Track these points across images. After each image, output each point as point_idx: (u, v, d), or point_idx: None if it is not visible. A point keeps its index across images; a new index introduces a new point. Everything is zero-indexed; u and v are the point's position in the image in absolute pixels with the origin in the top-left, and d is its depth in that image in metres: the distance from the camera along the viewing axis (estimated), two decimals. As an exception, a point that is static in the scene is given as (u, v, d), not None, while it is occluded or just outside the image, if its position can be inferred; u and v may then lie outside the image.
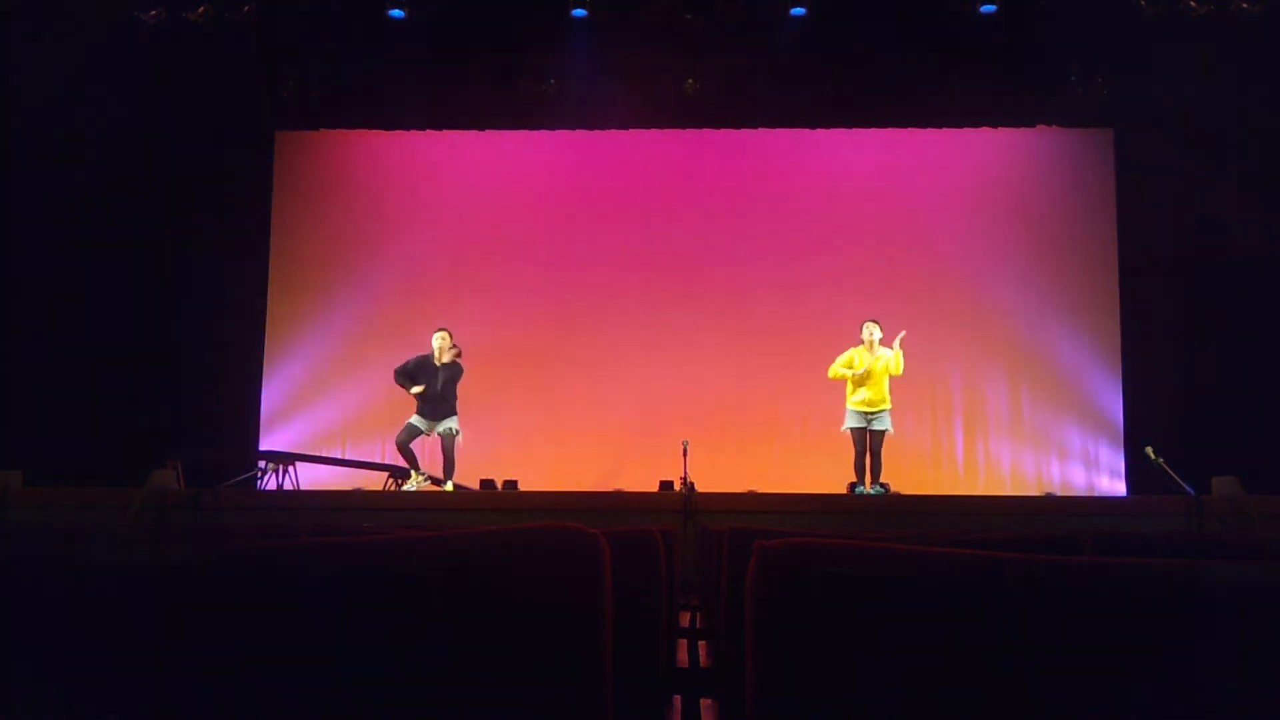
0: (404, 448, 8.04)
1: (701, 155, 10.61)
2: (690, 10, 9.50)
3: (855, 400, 7.81)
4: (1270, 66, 8.90)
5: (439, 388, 8.01)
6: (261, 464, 8.58)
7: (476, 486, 8.51)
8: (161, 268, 10.00)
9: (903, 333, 7.82)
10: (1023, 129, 10.53)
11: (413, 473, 8.12)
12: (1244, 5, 8.94)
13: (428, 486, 8.26)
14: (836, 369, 7.92)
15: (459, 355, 8.13)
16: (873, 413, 7.73)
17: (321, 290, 10.55)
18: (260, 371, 10.53)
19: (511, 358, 10.34)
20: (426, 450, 8.52)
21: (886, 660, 1.01)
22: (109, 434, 9.05)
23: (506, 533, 1.02)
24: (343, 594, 1.02)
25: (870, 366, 7.76)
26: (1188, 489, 6.58)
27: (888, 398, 7.78)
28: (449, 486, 8.01)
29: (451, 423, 8.04)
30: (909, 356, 10.32)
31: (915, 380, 10.17)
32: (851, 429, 7.83)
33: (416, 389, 7.98)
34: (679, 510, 6.84)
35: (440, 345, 8.08)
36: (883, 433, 7.76)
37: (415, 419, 8.06)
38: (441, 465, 8.12)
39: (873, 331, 7.86)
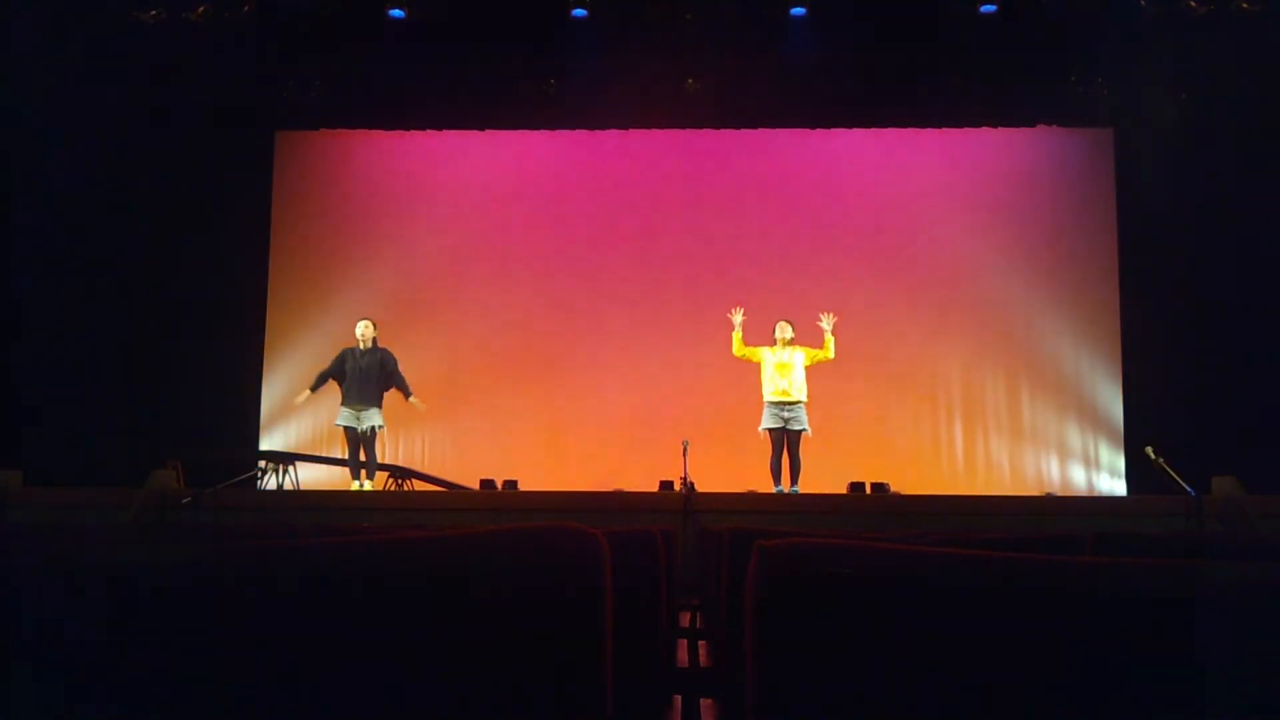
0: (354, 459, 7.92)
1: (701, 155, 10.61)
2: (690, 10, 9.50)
3: (770, 392, 7.81)
4: (1270, 66, 8.90)
5: (362, 371, 7.86)
6: (261, 464, 8.57)
7: (476, 486, 8.50)
8: (161, 268, 10.00)
9: (833, 317, 7.86)
10: (1023, 129, 10.54)
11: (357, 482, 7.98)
12: (1244, 5, 8.94)
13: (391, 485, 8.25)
14: (743, 351, 7.94)
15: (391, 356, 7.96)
16: (789, 407, 7.72)
17: (321, 290, 10.55)
18: (260, 371, 10.54)
19: (511, 358, 10.35)
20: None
21: (886, 660, 1.01)
22: (109, 434, 9.05)
23: (506, 533, 1.02)
24: (343, 594, 1.02)
25: (780, 361, 7.79)
26: (1188, 489, 6.58)
27: (804, 390, 7.77)
28: (367, 485, 7.87)
29: (374, 418, 7.89)
30: (909, 355, 10.32)
31: (915, 380, 10.22)
32: (768, 429, 7.82)
33: (323, 383, 7.89)
34: (679, 510, 6.83)
35: (363, 333, 7.96)
36: (799, 433, 7.74)
37: (343, 414, 7.86)
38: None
39: (785, 330, 7.85)
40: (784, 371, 7.79)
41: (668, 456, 7.85)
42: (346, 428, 7.91)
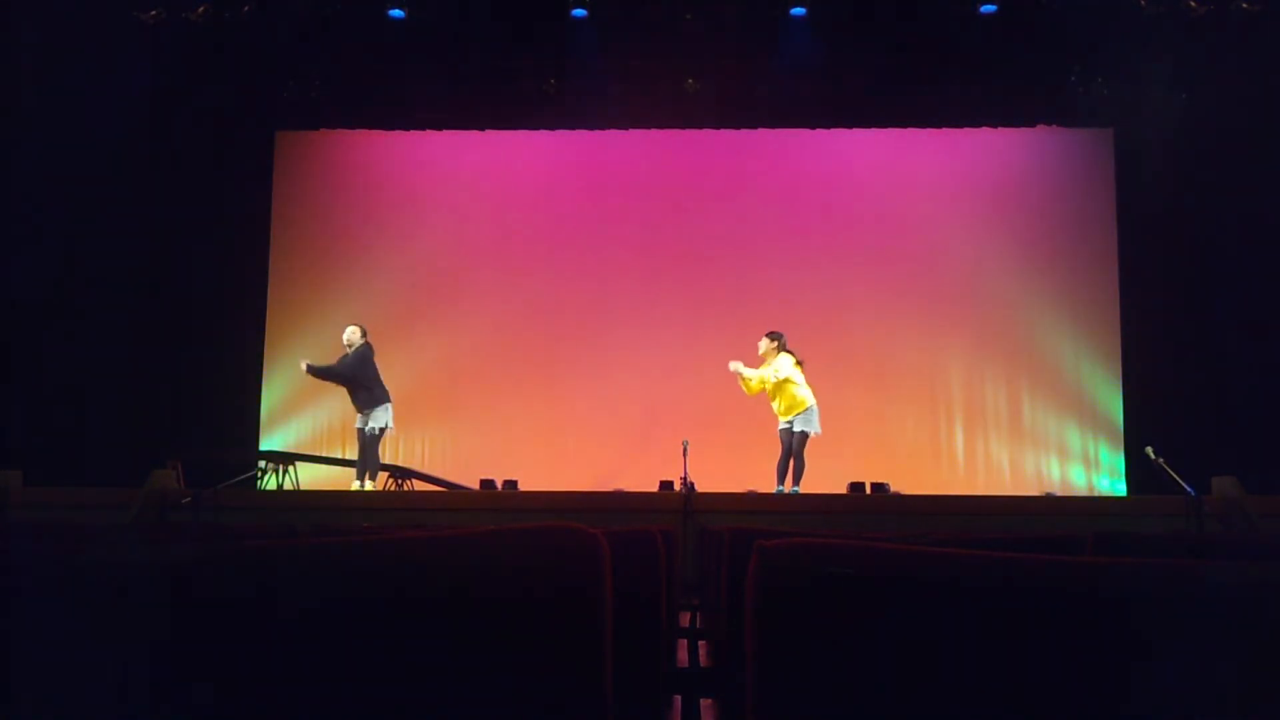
0: (360, 459, 7.99)
1: (701, 155, 10.61)
2: (690, 10, 9.50)
3: (775, 409, 8.00)
4: (1270, 66, 8.90)
5: (351, 377, 7.95)
6: (261, 464, 8.57)
7: (476, 486, 8.50)
8: (162, 268, 10.01)
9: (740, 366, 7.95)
10: (1023, 129, 10.54)
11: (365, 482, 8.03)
12: (1244, 5, 8.94)
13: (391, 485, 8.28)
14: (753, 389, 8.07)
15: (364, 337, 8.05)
16: (787, 419, 7.84)
17: (321, 290, 10.55)
18: (260, 371, 10.54)
19: (511, 358, 10.35)
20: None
21: (886, 660, 1.01)
22: (109, 434, 9.05)
23: (506, 533, 1.02)
24: (343, 594, 1.02)
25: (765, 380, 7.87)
26: (1188, 489, 6.58)
27: (799, 403, 7.81)
28: (367, 485, 7.90)
29: (379, 419, 7.96)
30: (909, 355, 10.34)
31: (915, 380, 10.22)
32: (780, 430, 7.98)
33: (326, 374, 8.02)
34: (679, 510, 6.83)
35: (349, 339, 8.04)
36: (803, 434, 7.81)
37: (358, 418, 8.04)
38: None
39: (760, 348, 7.95)
40: (770, 393, 7.91)
41: (668, 456, 7.85)
42: (358, 429, 8.04)
